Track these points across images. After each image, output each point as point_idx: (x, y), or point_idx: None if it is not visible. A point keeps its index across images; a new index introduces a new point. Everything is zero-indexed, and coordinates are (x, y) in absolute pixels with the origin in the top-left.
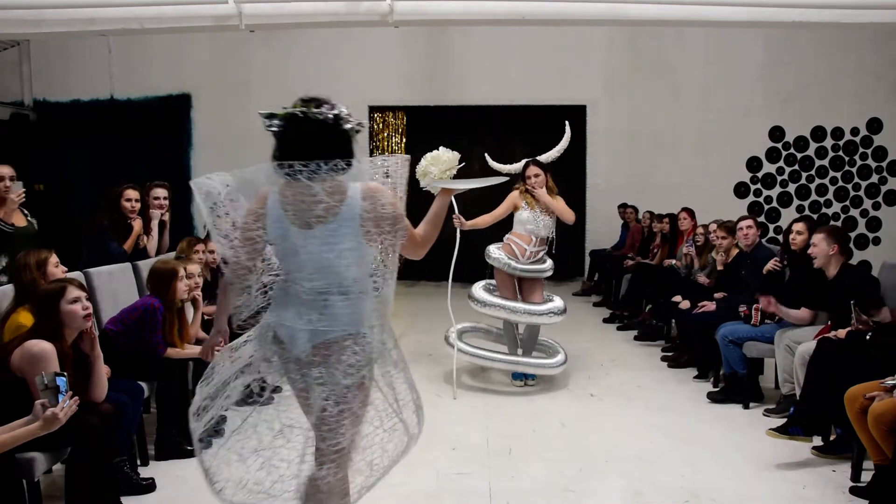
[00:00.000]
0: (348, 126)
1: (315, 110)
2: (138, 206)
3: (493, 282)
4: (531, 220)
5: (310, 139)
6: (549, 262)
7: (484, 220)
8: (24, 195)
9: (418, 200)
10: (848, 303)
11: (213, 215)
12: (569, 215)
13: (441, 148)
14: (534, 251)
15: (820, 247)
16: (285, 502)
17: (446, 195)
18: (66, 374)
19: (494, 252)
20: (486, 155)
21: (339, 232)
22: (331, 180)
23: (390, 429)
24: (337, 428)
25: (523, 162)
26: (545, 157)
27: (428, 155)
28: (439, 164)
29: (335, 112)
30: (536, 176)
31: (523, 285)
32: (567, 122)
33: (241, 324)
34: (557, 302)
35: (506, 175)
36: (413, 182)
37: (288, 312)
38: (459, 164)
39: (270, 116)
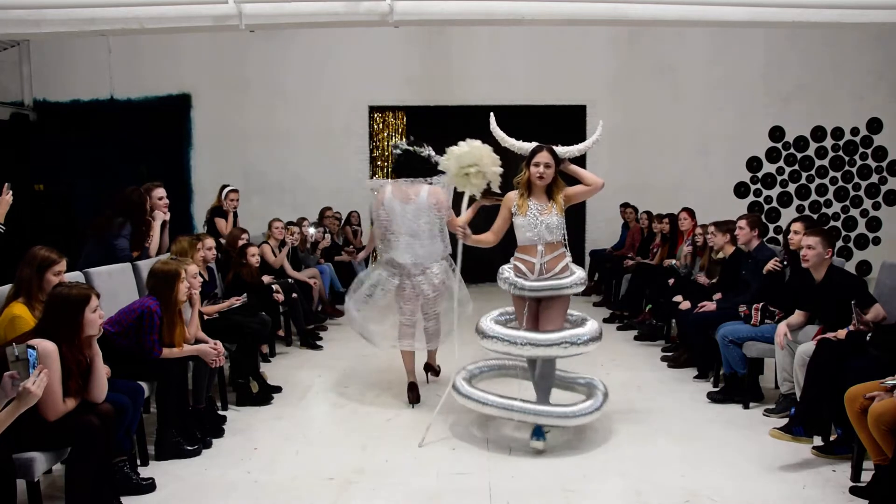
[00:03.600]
0: (433, 160)
1: (419, 149)
2: None
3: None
4: (528, 226)
5: (414, 163)
6: (575, 275)
7: (486, 239)
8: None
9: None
10: (836, 305)
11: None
12: (595, 180)
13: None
14: (546, 263)
15: (816, 249)
16: (395, 340)
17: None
18: (36, 347)
19: (503, 271)
20: (490, 114)
21: (420, 212)
22: (419, 186)
23: (452, 305)
24: (434, 303)
25: (533, 145)
26: (563, 150)
27: (476, 148)
28: (484, 160)
29: (428, 153)
30: (547, 166)
31: (541, 307)
32: (601, 122)
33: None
34: (586, 327)
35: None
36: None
37: (397, 252)
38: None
39: (396, 147)
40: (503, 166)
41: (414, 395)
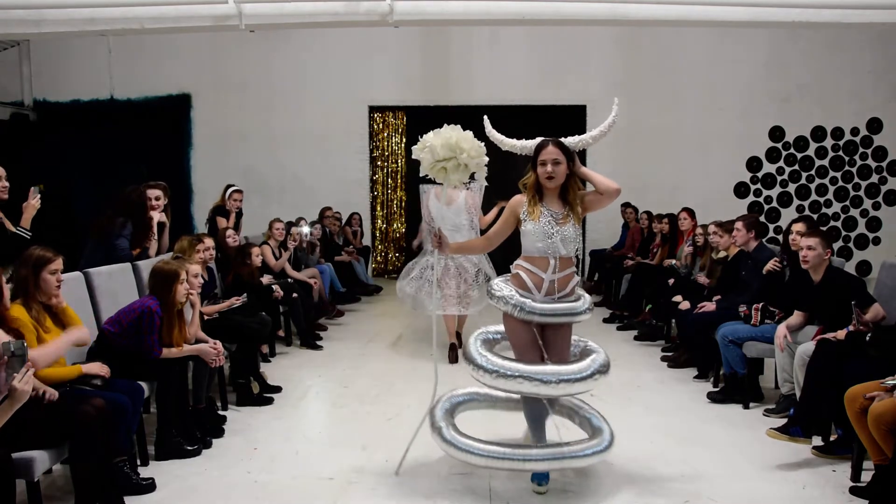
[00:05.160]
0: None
1: None
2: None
3: (501, 329)
4: (539, 234)
5: None
6: (584, 298)
7: (474, 245)
8: (40, 199)
9: None
10: (836, 305)
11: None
12: (609, 186)
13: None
14: (557, 280)
15: (817, 251)
16: (440, 307)
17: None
18: (26, 342)
19: (501, 289)
20: (485, 117)
21: (460, 210)
22: (458, 190)
23: (481, 285)
24: (475, 281)
25: (537, 140)
26: (574, 141)
27: (464, 138)
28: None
29: None
30: (556, 163)
31: (546, 335)
32: (616, 99)
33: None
34: (602, 353)
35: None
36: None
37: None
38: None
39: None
40: (505, 165)
41: (453, 355)
